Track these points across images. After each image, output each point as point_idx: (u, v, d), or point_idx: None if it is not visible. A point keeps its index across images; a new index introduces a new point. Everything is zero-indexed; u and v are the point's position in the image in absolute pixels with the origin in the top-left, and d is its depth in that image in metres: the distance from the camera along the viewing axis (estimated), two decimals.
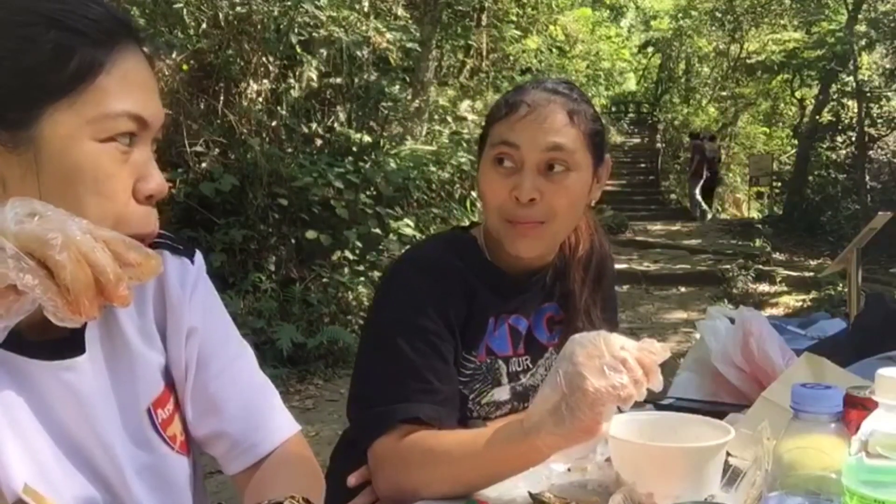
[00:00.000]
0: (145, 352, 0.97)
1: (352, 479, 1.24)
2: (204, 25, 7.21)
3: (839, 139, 16.52)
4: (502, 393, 1.36)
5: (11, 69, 0.79)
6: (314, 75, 7.90)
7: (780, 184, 18.26)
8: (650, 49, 23.49)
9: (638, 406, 1.44)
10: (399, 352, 1.22)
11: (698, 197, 16.39)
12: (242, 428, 1.03)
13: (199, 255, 1.05)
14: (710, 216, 16.22)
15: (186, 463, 1.02)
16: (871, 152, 15.73)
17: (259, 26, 7.27)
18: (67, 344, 0.88)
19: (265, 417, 1.05)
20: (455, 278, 1.30)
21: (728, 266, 10.47)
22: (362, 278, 7.06)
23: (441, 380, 1.23)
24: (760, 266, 10.69)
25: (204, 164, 6.84)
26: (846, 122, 16.34)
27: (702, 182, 16.37)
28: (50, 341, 0.87)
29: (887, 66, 15.69)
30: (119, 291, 0.66)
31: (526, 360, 1.39)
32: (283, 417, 1.09)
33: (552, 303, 1.42)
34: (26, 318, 0.70)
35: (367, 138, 8.07)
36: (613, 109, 22.55)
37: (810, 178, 16.64)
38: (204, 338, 1.01)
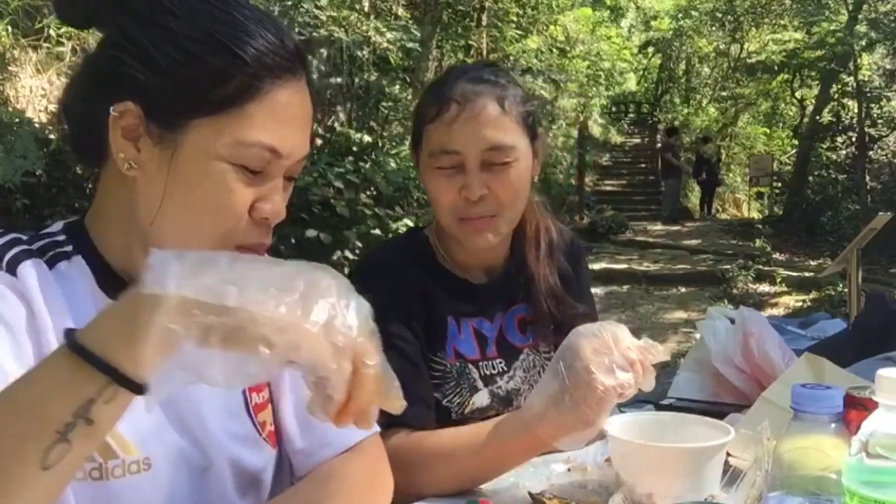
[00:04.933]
0: None
1: None
2: None
3: (839, 139, 16.52)
4: (482, 398, 1.36)
5: (173, 78, 0.83)
6: (314, 75, 7.89)
7: (780, 184, 18.24)
8: (650, 49, 23.46)
9: (638, 406, 1.45)
10: None
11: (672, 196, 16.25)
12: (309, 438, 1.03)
13: None
14: (666, 215, 15.93)
15: (270, 454, 1.01)
16: (871, 153, 15.73)
17: None
18: None
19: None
20: (410, 281, 1.32)
21: (728, 266, 10.46)
22: None
23: (413, 382, 1.23)
24: (760, 266, 10.69)
25: None
26: (846, 122, 16.35)
27: (670, 180, 16.05)
28: None
29: (887, 66, 15.70)
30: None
31: (500, 363, 1.39)
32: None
33: (522, 304, 1.43)
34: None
35: (367, 138, 8.07)
36: (613, 109, 22.49)
37: (810, 178, 16.64)
38: None
